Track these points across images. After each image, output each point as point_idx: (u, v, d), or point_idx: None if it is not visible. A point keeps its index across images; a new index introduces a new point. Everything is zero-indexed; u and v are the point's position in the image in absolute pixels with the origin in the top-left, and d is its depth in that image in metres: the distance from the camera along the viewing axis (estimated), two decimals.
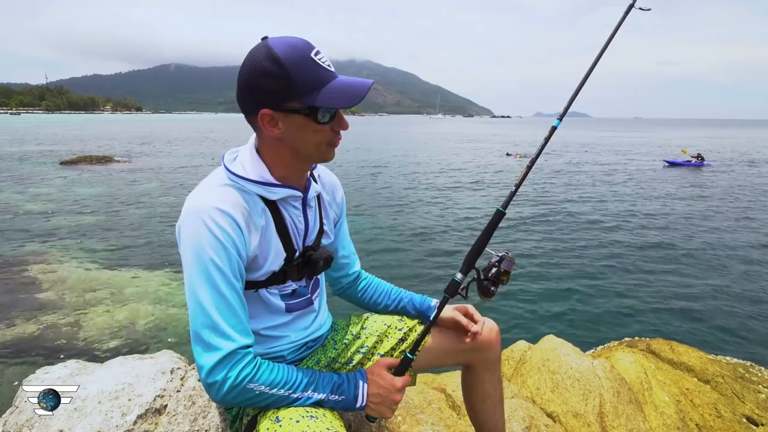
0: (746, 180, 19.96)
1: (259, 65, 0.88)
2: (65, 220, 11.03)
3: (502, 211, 1.12)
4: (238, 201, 0.94)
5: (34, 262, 7.87)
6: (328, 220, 1.17)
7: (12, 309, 6.00)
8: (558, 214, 12.73)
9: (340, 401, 0.99)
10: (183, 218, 0.92)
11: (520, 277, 7.68)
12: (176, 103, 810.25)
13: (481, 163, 26.31)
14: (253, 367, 0.91)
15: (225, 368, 0.88)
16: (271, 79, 0.87)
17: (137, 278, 7.29)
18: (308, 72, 0.88)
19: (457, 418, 1.84)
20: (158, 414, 1.13)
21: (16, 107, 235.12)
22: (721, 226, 11.47)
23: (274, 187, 0.98)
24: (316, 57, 0.90)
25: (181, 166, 22.71)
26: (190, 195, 0.95)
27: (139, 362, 1.28)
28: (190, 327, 0.91)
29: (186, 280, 0.91)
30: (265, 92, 0.89)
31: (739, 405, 2.50)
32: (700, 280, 7.70)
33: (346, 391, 0.99)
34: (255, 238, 0.97)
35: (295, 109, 0.90)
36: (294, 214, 1.05)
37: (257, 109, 0.91)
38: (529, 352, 2.41)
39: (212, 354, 0.88)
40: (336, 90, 0.90)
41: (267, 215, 0.99)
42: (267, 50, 0.88)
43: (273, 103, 0.89)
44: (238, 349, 0.89)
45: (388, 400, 1.01)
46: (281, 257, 1.03)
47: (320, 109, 0.90)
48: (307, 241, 1.09)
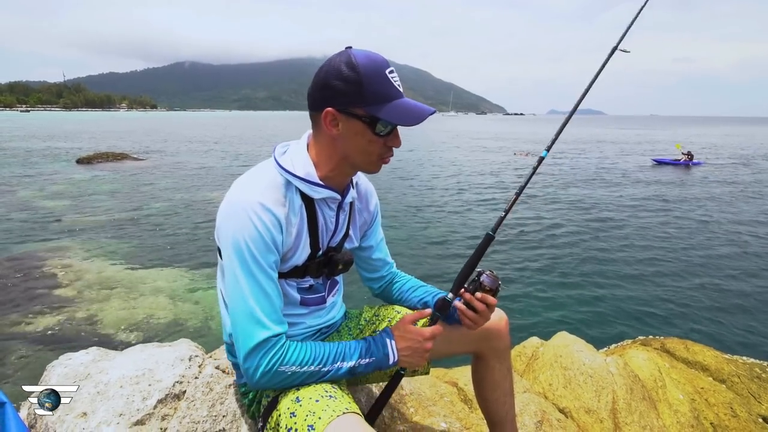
0: (753, 178, 19.55)
1: (337, 67, 0.93)
2: (83, 217, 11.25)
3: (491, 235, 1.14)
4: (280, 199, 0.98)
5: (54, 257, 8.05)
6: (355, 227, 1.22)
7: (34, 301, 6.16)
8: (571, 211, 12.61)
9: (372, 362, 1.03)
10: (227, 210, 0.96)
11: (533, 275, 7.64)
12: (190, 100, 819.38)
13: (492, 163, 26.15)
14: (282, 351, 0.95)
15: (258, 355, 0.93)
16: (344, 82, 0.93)
17: (154, 273, 7.42)
18: (379, 85, 0.93)
19: (468, 412, 1.85)
20: (177, 399, 1.16)
21: (32, 104, 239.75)
22: (734, 227, 11.25)
23: (317, 186, 1.02)
24: (390, 75, 0.95)
25: (197, 164, 22.95)
26: (235, 186, 0.99)
27: (159, 350, 1.32)
28: (229, 314, 0.97)
29: (227, 270, 0.97)
30: (336, 93, 0.94)
31: (756, 405, 2.47)
32: (716, 280, 7.56)
33: (375, 352, 1.03)
34: (291, 235, 1.02)
35: (358, 115, 0.94)
36: (327, 215, 1.09)
37: (324, 106, 0.96)
38: (541, 349, 2.41)
39: (248, 341, 0.93)
40: (400, 108, 0.95)
41: (303, 213, 1.04)
42: (348, 57, 0.94)
43: (340, 104, 0.94)
44: (271, 337, 0.94)
45: (419, 350, 1.05)
46: (306, 253, 1.07)
47: (380, 121, 0.95)
48: (332, 242, 1.13)
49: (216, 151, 30.90)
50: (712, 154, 30.78)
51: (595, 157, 28.66)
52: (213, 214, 5.72)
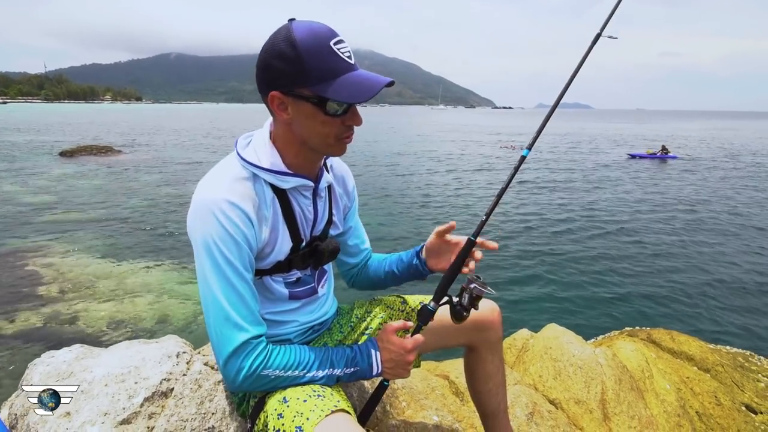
0: (732, 170, 19.96)
1: (276, 46, 0.86)
2: (66, 213, 11.03)
3: (473, 240, 1.10)
4: (248, 193, 0.93)
5: (37, 254, 7.89)
6: (338, 211, 1.17)
7: (16, 299, 6.03)
8: (559, 204, 12.73)
9: (356, 372, 1.01)
10: (194, 210, 0.92)
11: (523, 268, 7.70)
12: (176, 92, 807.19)
13: (480, 155, 26.22)
14: (265, 354, 0.93)
15: (239, 359, 0.90)
16: (283, 62, 0.85)
17: (140, 269, 7.31)
18: (323, 60, 0.85)
19: (460, 404, 1.85)
20: (165, 397, 1.13)
21: (12, 96, 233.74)
22: (715, 219, 11.47)
23: (285, 176, 0.97)
24: (336, 46, 0.87)
25: (184, 158, 22.65)
26: (201, 185, 0.94)
27: (145, 346, 1.29)
28: (204, 318, 0.94)
29: (198, 272, 0.93)
30: (278, 74, 0.87)
31: (739, 393, 2.52)
32: (700, 271, 7.72)
33: (360, 362, 1.02)
34: (265, 230, 0.97)
35: (304, 96, 0.87)
36: (303, 204, 1.04)
37: (268, 90, 0.90)
38: (531, 341, 2.42)
39: (226, 345, 0.90)
40: (348, 83, 0.87)
41: (276, 205, 0.99)
42: (286, 32, 0.86)
43: (283, 86, 0.88)
44: (250, 339, 0.91)
45: (402, 363, 1.04)
46: (287, 247, 1.03)
47: (329, 101, 0.87)
48: (314, 231, 1.09)
49: (204, 144, 30.51)
50: (691, 148, 31.24)
51: (579, 151, 28.90)
52: None
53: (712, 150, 30.51)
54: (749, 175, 19.06)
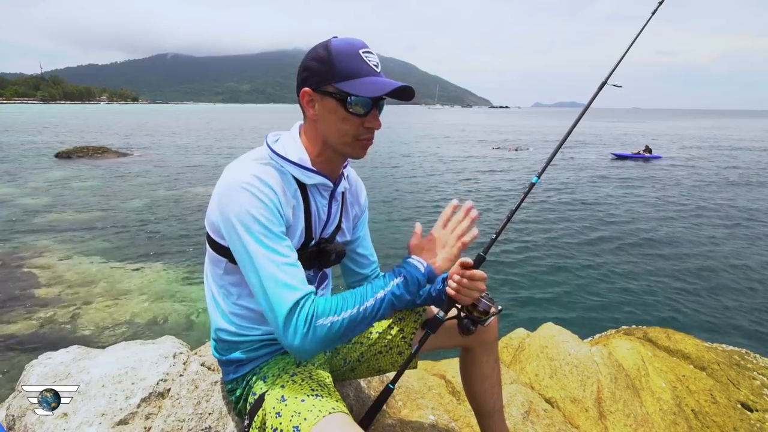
0: (718, 168, 20.05)
1: (314, 50, 0.97)
2: (62, 214, 10.99)
3: (482, 256, 1.13)
4: (276, 177, 0.98)
5: (33, 255, 7.86)
6: (347, 219, 1.20)
7: (13, 301, 6.01)
8: (555, 205, 12.76)
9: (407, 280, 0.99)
10: (223, 192, 0.94)
11: (519, 267, 7.72)
12: (173, 93, 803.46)
13: (481, 156, 26.23)
14: (313, 306, 0.91)
15: (293, 319, 0.89)
16: (317, 62, 0.95)
17: (137, 270, 7.30)
18: (350, 62, 0.94)
19: (456, 403, 1.86)
20: (161, 397, 1.14)
21: (8, 97, 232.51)
22: (715, 218, 11.52)
23: (310, 171, 1.03)
24: (364, 54, 0.96)
25: (181, 159, 22.59)
26: (228, 170, 0.97)
27: (142, 347, 1.29)
28: (255, 293, 0.93)
29: (239, 252, 0.93)
30: (311, 73, 0.96)
31: (734, 391, 2.53)
32: (697, 271, 7.75)
33: (405, 268, 1.01)
34: (289, 212, 1.00)
35: (329, 92, 0.95)
36: (320, 203, 1.08)
37: (301, 88, 0.98)
38: (527, 340, 2.43)
39: (281, 308, 0.89)
40: (368, 82, 0.94)
41: (298, 197, 1.03)
42: (326, 41, 0.97)
43: (314, 83, 0.96)
44: (301, 298, 0.90)
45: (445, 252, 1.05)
46: (299, 241, 1.05)
47: (351, 97, 0.94)
48: (324, 233, 1.12)
49: (201, 145, 30.43)
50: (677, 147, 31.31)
51: (572, 149, 28.93)
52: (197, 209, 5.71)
53: (705, 149, 30.62)
54: (743, 174, 19.14)
